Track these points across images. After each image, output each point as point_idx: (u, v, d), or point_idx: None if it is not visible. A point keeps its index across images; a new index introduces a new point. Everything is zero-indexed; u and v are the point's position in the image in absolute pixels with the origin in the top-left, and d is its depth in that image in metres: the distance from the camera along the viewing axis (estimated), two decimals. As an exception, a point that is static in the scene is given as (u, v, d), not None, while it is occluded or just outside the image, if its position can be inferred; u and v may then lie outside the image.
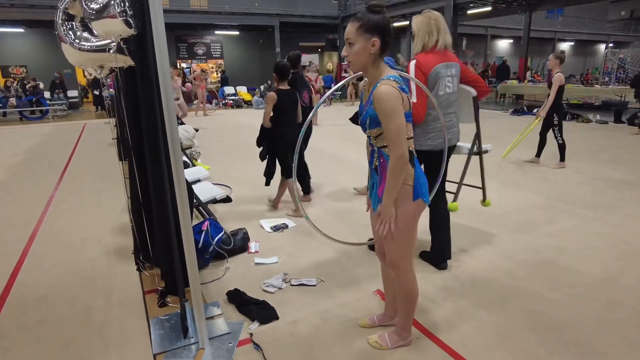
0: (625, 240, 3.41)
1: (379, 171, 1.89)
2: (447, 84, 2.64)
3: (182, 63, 20.89)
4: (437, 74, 2.58)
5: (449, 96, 2.67)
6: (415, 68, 2.55)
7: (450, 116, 2.71)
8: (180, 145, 1.90)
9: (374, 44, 1.70)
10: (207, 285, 2.80)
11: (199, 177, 4.11)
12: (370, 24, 1.68)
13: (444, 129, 2.51)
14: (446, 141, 2.53)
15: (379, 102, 1.68)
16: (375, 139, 1.84)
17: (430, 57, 2.57)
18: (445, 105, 2.66)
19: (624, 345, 2.13)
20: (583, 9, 24.92)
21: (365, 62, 1.75)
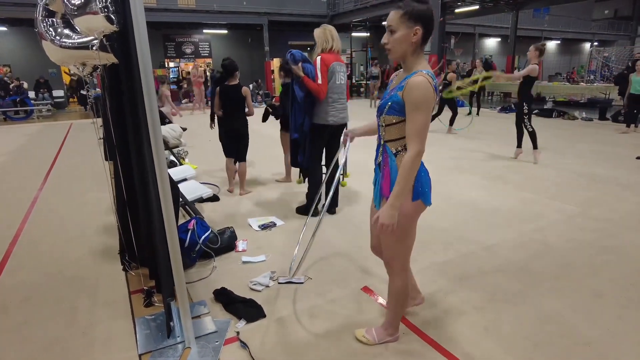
0: (610, 235, 3.47)
1: (382, 167, 1.87)
2: (341, 77, 3.71)
3: (169, 62, 20.71)
4: (334, 68, 3.61)
5: (342, 86, 3.73)
6: (320, 61, 3.55)
7: (342, 101, 3.76)
8: (164, 144, 1.89)
9: (416, 32, 1.67)
10: (194, 284, 2.78)
11: (185, 176, 4.08)
12: (414, 13, 1.65)
13: None
14: (343, 118, 3.72)
15: (412, 90, 1.65)
16: (385, 129, 1.80)
17: (330, 56, 3.60)
18: (339, 92, 3.70)
19: (607, 336, 2.17)
20: (569, 8, 25.23)
21: (406, 50, 1.71)
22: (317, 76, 3.54)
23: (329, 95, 3.62)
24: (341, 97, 3.73)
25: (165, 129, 5.98)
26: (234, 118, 4.45)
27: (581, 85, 15.55)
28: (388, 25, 1.70)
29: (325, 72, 3.55)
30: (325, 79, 3.56)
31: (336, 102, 3.67)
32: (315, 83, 3.56)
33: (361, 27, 19.53)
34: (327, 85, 3.58)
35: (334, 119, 3.67)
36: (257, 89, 17.81)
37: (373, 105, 14.75)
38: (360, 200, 4.46)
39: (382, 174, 1.85)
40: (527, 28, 23.29)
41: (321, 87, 3.55)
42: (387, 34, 1.72)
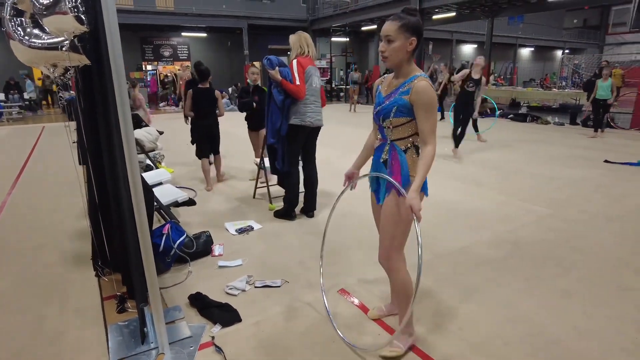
0: (579, 235, 3.58)
1: (389, 164, 1.96)
2: (317, 81, 3.81)
3: (147, 65, 20.39)
4: (309, 71, 3.71)
5: (318, 89, 3.82)
6: (297, 63, 3.66)
7: (319, 103, 3.84)
8: (140, 148, 1.87)
9: (412, 42, 1.82)
10: (169, 289, 2.74)
11: (160, 180, 4.01)
12: (410, 25, 1.80)
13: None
14: (319, 120, 3.82)
15: (422, 94, 1.80)
16: (393, 130, 1.91)
17: (305, 60, 3.71)
18: (316, 95, 3.80)
19: (575, 333, 2.23)
20: (541, 16, 26.05)
21: (402, 59, 1.85)
22: (295, 78, 3.62)
23: (306, 97, 3.70)
24: (317, 100, 3.81)
25: (141, 133, 5.87)
26: (207, 118, 4.89)
27: (553, 91, 16.07)
28: (386, 35, 1.82)
29: (302, 73, 3.64)
30: (303, 80, 3.65)
31: (312, 104, 3.75)
32: (291, 84, 3.61)
33: (341, 32, 19.69)
34: (305, 85, 3.67)
35: (310, 120, 3.73)
36: (236, 92, 17.72)
37: (352, 109, 14.86)
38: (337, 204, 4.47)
39: (390, 170, 1.95)
40: (502, 35, 23.91)
41: (299, 87, 3.63)
42: (385, 43, 1.84)
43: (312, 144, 3.95)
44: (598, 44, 30.90)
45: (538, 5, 15.53)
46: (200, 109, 4.82)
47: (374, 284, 2.78)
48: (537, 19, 26.56)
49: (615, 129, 9.95)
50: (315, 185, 4.03)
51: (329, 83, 21.13)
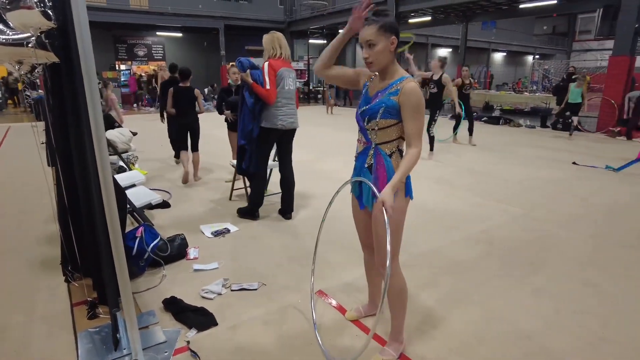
0: (549, 234, 3.69)
1: (374, 169, 1.92)
2: (290, 83, 3.74)
3: (121, 65, 19.92)
4: (282, 74, 3.65)
5: (291, 91, 3.76)
6: (268, 66, 3.58)
7: (292, 106, 3.79)
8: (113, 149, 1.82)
9: (393, 41, 1.80)
10: (142, 293, 2.67)
11: (134, 182, 3.91)
12: (387, 25, 1.77)
13: None
14: (292, 123, 3.77)
15: (410, 96, 1.77)
16: (378, 132, 1.87)
17: (277, 62, 3.64)
18: (288, 97, 3.73)
19: (545, 329, 2.30)
20: (513, 22, 26.81)
21: (387, 60, 1.83)
22: (265, 81, 3.58)
23: (278, 100, 3.66)
24: (290, 103, 3.76)
25: (114, 133, 5.72)
26: (187, 115, 5.17)
27: (525, 95, 16.56)
28: (367, 40, 1.78)
29: (273, 77, 3.59)
30: (274, 84, 3.60)
31: (285, 107, 3.71)
32: (263, 88, 3.57)
33: (318, 34, 19.75)
34: (276, 89, 3.62)
35: (282, 123, 3.70)
36: (212, 93, 17.51)
37: (329, 111, 14.93)
38: (314, 206, 4.48)
39: (376, 175, 1.91)
40: (476, 40, 24.47)
41: (269, 92, 3.58)
42: (367, 49, 1.80)
43: (287, 145, 3.93)
44: (566, 50, 32.03)
45: (509, 11, 16.00)
46: (181, 107, 5.12)
47: (351, 285, 2.79)
48: (509, 25, 27.32)
49: (583, 132, 10.33)
50: (292, 187, 4.02)
51: (307, 85, 21.15)
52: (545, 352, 2.11)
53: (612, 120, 9.97)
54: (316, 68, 2.06)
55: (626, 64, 9.62)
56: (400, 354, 2.07)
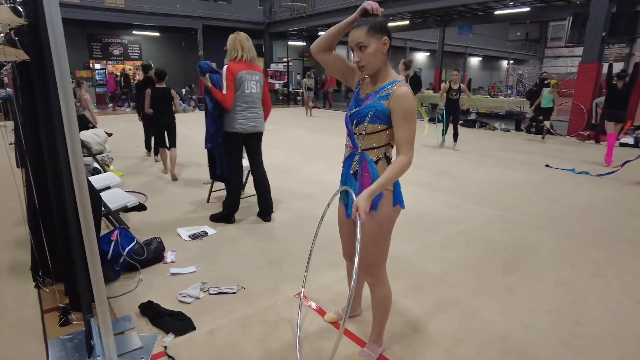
0: (523, 235, 3.79)
1: (359, 176, 1.84)
2: (252, 86, 3.65)
3: (95, 64, 19.43)
4: (242, 77, 3.55)
5: (253, 95, 3.67)
6: (226, 70, 3.53)
7: (255, 109, 3.71)
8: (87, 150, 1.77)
9: (385, 42, 1.71)
10: (118, 298, 2.61)
11: (108, 184, 3.82)
12: (378, 25, 1.69)
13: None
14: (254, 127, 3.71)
15: (402, 101, 1.68)
16: (365, 137, 1.79)
17: (238, 65, 3.55)
18: (250, 101, 3.65)
19: (520, 327, 2.35)
20: (489, 27, 27.51)
21: (380, 62, 1.74)
22: (223, 86, 3.53)
23: (237, 104, 3.60)
24: (252, 106, 3.69)
25: (88, 134, 5.58)
26: (165, 114, 5.50)
27: (500, 99, 16.98)
28: (357, 43, 1.70)
29: (231, 82, 3.52)
30: (231, 89, 3.53)
31: (246, 111, 3.65)
32: (220, 93, 3.53)
33: (298, 36, 19.74)
34: (234, 94, 3.56)
35: (242, 127, 3.64)
36: (190, 93, 17.27)
37: (309, 114, 14.95)
38: (293, 208, 4.47)
39: (360, 182, 1.82)
40: (453, 44, 24.95)
41: (225, 97, 3.52)
42: (358, 52, 1.72)
43: (255, 149, 3.90)
44: (539, 56, 33.03)
45: (485, 17, 16.38)
46: (158, 107, 5.43)
47: (330, 287, 2.79)
48: (485, 30, 27.99)
49: (555, 135, 10.65)
50: (267, 188, 4.00)
51: (286, 87, 21.12)
52: (520, 350, 2.16)
53: (582, 124, 10.32)
54: (313, 48, 1.92)
55: (594, 70, 9.97)
56: (380, 355, 2.09)
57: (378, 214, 1.81)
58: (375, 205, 1.79)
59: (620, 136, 9.39)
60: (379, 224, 1.83)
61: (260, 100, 3.78)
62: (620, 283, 2.92)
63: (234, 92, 3.54)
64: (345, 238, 2.12)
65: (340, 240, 2.16)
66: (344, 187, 1.90)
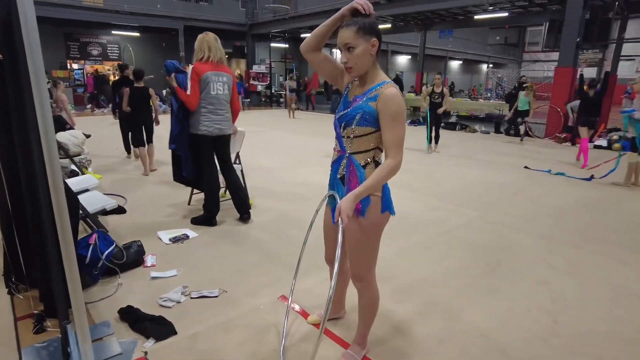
0: (503, 236, 3.85)
1: (346, 180, 1.80)
2: (219, 87, 3.59)
3: (73, 64, 18.98)
4: (208, 78, 3.50)
5: (219, 96, 3.61)
6: (192, 71, 3.48)
7: (221, 111, 3.64)
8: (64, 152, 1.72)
9: (374, 44, 1.67)
10: (96, 304, 2.54)
11: (86, 187, 3.72)
12: (367, 26, 1.65)
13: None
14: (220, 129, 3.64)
15: (390, 103, 1.65)
16: (353, 140, 1.75)
17: (204, 66, 3.50)
18: (216, 103, 3.60)
19: (500, 326, 2.39)
20: (469, 32, 27.97)
21: (368, 64, 1.71)
22: (187, 86, 3.49)
23: (202, 106, 3.55)
24: (219, 108, 3.62)
25: (66, 136, 5.44)
26: (143, 113, 5.79)
27: (480, 102, 17.28)
28: (345, 43, 1.67)
29: (195, 82, 3.46)
30: (195, 90, 3.47)
31: (211, 113, 3.59)
32: (184, 93, 3.49)
33: (280, 37, 19.71)
34: (198, 95, 3.50)
35: (207, 129, 3.58)
36: (170, 94, 17.02)
37: (292, 116, 14.93)
38: (276, 210, 4.45)
39: (348, 187, 1.78)
40: (434, 47, 25.28)
41: (189, 98, 3.47)
42: (346, 52, 1.69)
43: (224, 151, 3.84)
44: (517, 60, 33.77)
45: (465, 21, 16.66)
46: (137, 105, 5.68)
47: (313, 289, 2.78)
48: (465, 34, 28.47)
49: (533, 137, 10.90)
50: (240, 188, 3.97)
51: (269, 88, 21.05)
52: (500, 349, 2.20)
53: (559, 127, 10.59)
54: (303, 47, 1.88)
55: (570, 74, 10.24)
56: (363, 357, 2.09)
57: (365, 220, 1.77)
58: (363, 211, 1.76)
59: (594, 139, 9.69)
60: (366, 231, 1.80)
61: (228, 102, 3.72)
62: (596, 281, 3.00)
63: (198, 92, 3.49)
64: (330, 242, 2.10)
65: (324, 244, 2.14)
66: (331, 192, 1.86)
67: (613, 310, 2.62)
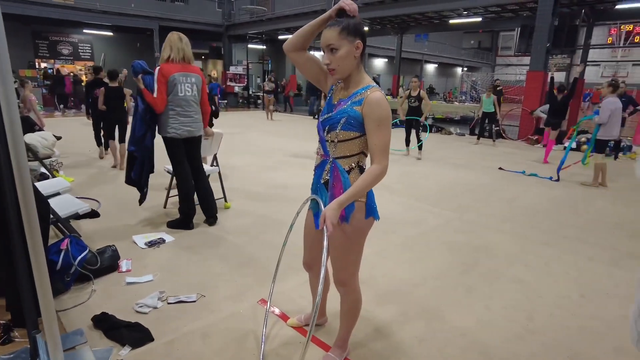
0: (479, 235, 3.93)
1: (330, 186, 1.75)
2: (187, 89, 3.52)
3: (41, 63, 18.37)
4: (175, 79, 3.43)
5: (187, 97, 3.53)
6: (158, 72, 3.39)
7: (190, 113, 3.57)
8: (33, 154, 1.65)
9: (358, 46, 1.63)
10: (68, 311, 2.46)
11: (58, 190, 3.59)
12: (351, 27, 1.60)
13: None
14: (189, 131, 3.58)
15: (375, 108, 1.60)
16: (337, 145, 1.71)
17: (171, 67, 3.43)
18: (185, 105, 3.53)
19: (478, 325, 2.43)
20: (444, 35, 28.57)
21: (351, 67, 1.66)
22: (154, 88, 3.43)
23: (170, 108, 3.49)
24: (187, 110, 3.55)
25: (35, 137, 5.25)
26: (117, 111, 6.13)
27: (455, 104, 17.65)
28: (328, 44, 1.62)
29: (162, 84, 3.39)
30: (162, 92, 3.41)
31: (180, 115, 3.52)
32: (151, 95, 3.42)
33: (257, 39, 19.60)
34: (165, 97, 3.44)
35: (175, 132, 3.53)
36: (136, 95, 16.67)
37: (269, 117, 14.85)
38: (254, 213, 4.42)
39: (332, 193, 1.74)
40: (410, 51, 25.67)
41: (156, 101, 3.40)
42: (328, 54, 1.63)
43: (194, 155, 3.78)
44: (490, 64, 34.66)
45: (440, 25, 17.01)
46: (112, 104, 6.03)
47: (293, 292, 2.76)
48: (440, 38, 29.03)
49: (506, 139, 11.19)
50: (209, 192, 3.92)
51: (246, 90, 20.90)
52: (478, 347, 2.23)
53: (531, 129, 10.92)
54: (286, 46, 1.82)
55: (541, 78, 10.58)
56: (344, 359, 2.09)
57: (349, 226, 1.75)
58: (347, 217, 1.73)
59: (565, 141, 10.03)
60: (350, 237, 1.78)
61: (198, 103, 3.65)
62: (567, 278, 3.10)
63: (165, 94, 3.42)
64: (310, 247, 2.05)
65: (303, 248, 2.10)
66: (314, 195, 1.82)
67: (583, 306, 2.71)
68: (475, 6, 12.76)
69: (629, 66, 25.77)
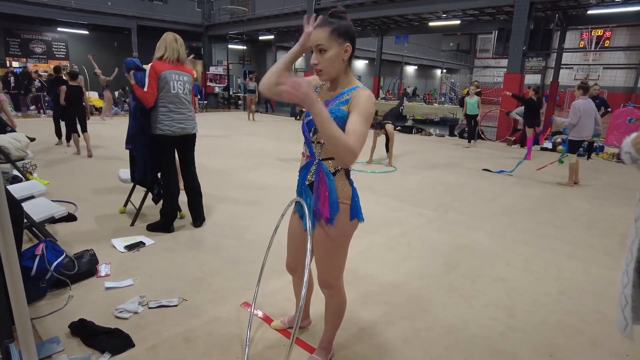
0: (461, 235, 3.99)
1: (315, 188, 1.73)
2: (178, 87, 3.54)
3: (13, 61, 17.77)
4: (167, 76, 3.46)
5: (180, 95, 3.55)
6: (150, 68, 3.45)
7: (183, 110, 3.59)
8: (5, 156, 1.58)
9: (347, 49, 1.61)
10: (44, 319, 2.37)
11: (32, 193, 3.48)
12: (342, 29, 1.58)
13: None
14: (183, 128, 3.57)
15: (362, 102, 1.58)
16: (323, 146, 1.69)
17: (162, 65, 3.48)
18: (177, 102, 3.54)
19: (461, 323, 2.46)
20: (424, 38, 28.92)
21: (339, 69, 1.64)
22: (145, 83, 3.45)
23: (162, 105, 3.49)
24: (180, 107, 3.56)
25: (6, 139, 5.07)
26: (77, 107, 7.17)
27: (435, 106, 17.91)
28: (317, 44, 1.59)
29: (153, 80, 3.42)
30: (153, 87, 3.43)
31: (172, 112, 3.53)
32: (141, 90, 3.42)
33: (237, 39, 19.46)
34: (155, 92, 3.45)
35: (168, 129, 3.51)
36: (123, 96, 16.35)
37: (251, 118, 14.74)
38: (235, 215, 4.37)
39: (317, 195, 1.72)
40: (390, 53, 25.91)
41: (146, 95, 3.41)
42: (317, 54, 1.61)
43: (187, 153, 3.76)
44: (469, 66, 35.30)
45: (420, 27, 17.24)
46: (72, 100, 7.06)
47: (277, 294, 2.74)
48: (420, 40, 29.38)
49: (485, 140, 11.40)
50: (198, 195, 3.88)
51: (227, 90, 20.70)
52: (461, 345, 2.26)
53: (509, 130, 11.16)
54: (262, 88, 1.82)
55: (518, 80, 10.82)
56: None
57: (334, 228, 1.74)
58: (331, 220, 1.72)
59: (541, 142, 10.28)
60: (334, 239, 1.77)
61: (190, 101, 3.66)
62: (547, 276, 3.17)
63: (155, 90, 3.44)
64: (294, 250, 2.03)
65: (287, 251, 2.08)
66: (298, 198, 1.81)
67: (562, 302, 2.78)
68: (454, 9, 12.97)
69: (600, 69, 26.64)
